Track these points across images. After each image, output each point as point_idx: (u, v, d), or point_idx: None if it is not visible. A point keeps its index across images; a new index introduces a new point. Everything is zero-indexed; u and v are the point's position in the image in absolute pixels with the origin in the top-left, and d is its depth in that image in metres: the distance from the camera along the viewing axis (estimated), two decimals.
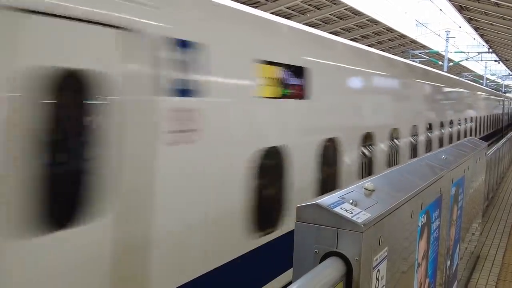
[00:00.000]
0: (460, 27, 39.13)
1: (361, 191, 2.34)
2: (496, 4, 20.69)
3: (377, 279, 2.14)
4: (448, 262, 4.19)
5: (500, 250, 7.37)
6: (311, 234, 2.04)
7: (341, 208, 2.02)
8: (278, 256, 4.29)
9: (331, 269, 1.88)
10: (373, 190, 2.34)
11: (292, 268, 2.11)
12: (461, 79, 20.10)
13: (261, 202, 4.25)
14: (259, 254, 4.23)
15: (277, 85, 4.53)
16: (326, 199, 2.09)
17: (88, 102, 2.79)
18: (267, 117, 4.43)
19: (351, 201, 2.13)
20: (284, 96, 4.64)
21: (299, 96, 4.91)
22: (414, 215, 2.74)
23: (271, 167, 4.49)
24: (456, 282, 4.76)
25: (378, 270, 2.15)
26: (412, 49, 42.69)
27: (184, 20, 3.55)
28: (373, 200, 2.27)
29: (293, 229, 2.08)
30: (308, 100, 5.04)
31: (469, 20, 27.03)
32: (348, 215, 1.98)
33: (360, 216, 2.01)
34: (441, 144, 11.44)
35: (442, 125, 11.92)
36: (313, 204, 2.04)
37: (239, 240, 3.99)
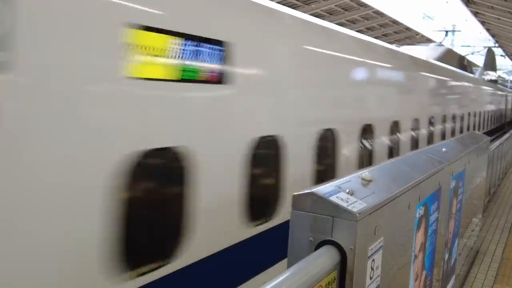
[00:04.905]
0: (466, 20, 38.86)
1: (358, 181, 2.33)
2: None
3: (372, 268, 2.14)
4: (446, 256, 4.18)
5: (500, 245, 7.36)
6: (307, 222, 2.03)
7: (337, 197, 2.01)
8: None
9: (325, 257, 1.88)
10: (370, 181, 2.34)
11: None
12: None
13: None
14: None
15: None
16: (322, 188, 2.08)
17: None
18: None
19: (347, 190, 2.12)
20: None
21: None
22: (412, 206, 2.74)
23: None
24: (454, 276, 4.76)
25: (373, 260, 2.15)
26: (418, 42, 42.43)
27: None
28: (370, 190, 2.26)
29: None
30: None
31: (476, 14, 26.85)
32: (344, 204, 1.97)
33: (356, 205, 2.00)
34: None
35: None
36: (309, 192, 2.03)
37: None
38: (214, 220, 3.82)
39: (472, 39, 48.42)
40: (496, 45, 40.02)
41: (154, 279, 3.21)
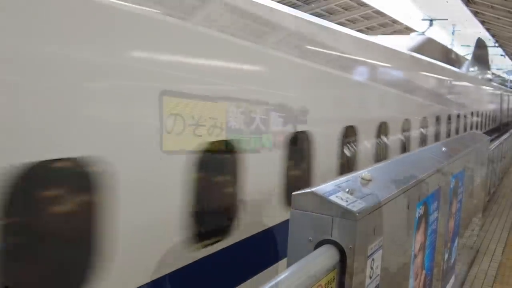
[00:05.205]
0: (466, 20, 38.85)
1: (358, 180, 2.33)
2: None
3: (372, 268, 2.14)
4: (446, 255, 4.19)
5: (499, 245, 7.36)
6: (306, 222, 2.03)
7: (336, 196, 2.02)
8: None
9: (324, 256, 1.88)
10: (369, 180, 2.34)
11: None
12: None
13: None
14: None
15: None
16: (322, 188, 2.09)
17: None
18: None
19: (347, 190, 2.12)
20: None
21: None
22: (411, 206, 2.74)
23: None
24: (453, 276, 4.77)
25: (373, 259, 2.15)
26: None
27: None
28: (369, 190, 2.27)
29: None
30: None
31: (476, 14, 26.85)
32: (343, 204, 1.97)
33: (355, 205, 2.00)
34: None
35: None
36: (309, 192, 2.04)
37: None
38: (262, 204, 4.35)
39: (472, 39, 48.37)
40: (496, 45, 39.97)
41: (219, 249, 3.83)
